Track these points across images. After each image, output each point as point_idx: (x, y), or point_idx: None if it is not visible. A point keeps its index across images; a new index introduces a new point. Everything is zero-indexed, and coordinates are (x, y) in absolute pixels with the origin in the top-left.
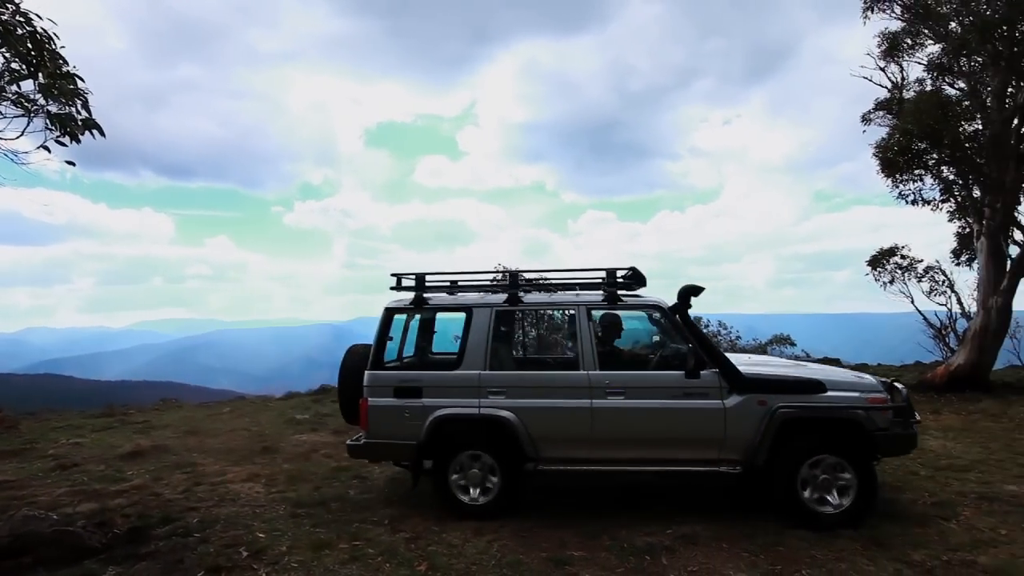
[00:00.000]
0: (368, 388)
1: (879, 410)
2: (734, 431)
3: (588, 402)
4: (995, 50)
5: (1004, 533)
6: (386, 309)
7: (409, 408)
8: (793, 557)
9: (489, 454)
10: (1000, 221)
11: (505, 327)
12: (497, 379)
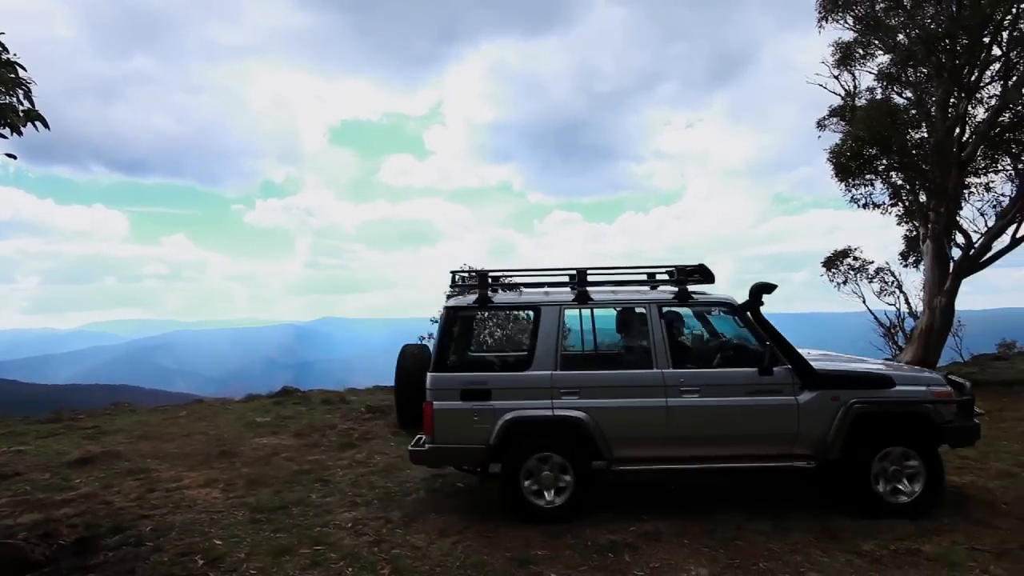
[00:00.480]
0: (432, 391)
1: (944, 403)
2: (807, 427)
3: (664, 401)
4: (939, 62)
5: (946, 522)
6: (449, 308)
7: (478, 411)
8: (751, 551)
9: (562, 456)
10: (944, 225)
11: (575, 325)
12: (570, 379)
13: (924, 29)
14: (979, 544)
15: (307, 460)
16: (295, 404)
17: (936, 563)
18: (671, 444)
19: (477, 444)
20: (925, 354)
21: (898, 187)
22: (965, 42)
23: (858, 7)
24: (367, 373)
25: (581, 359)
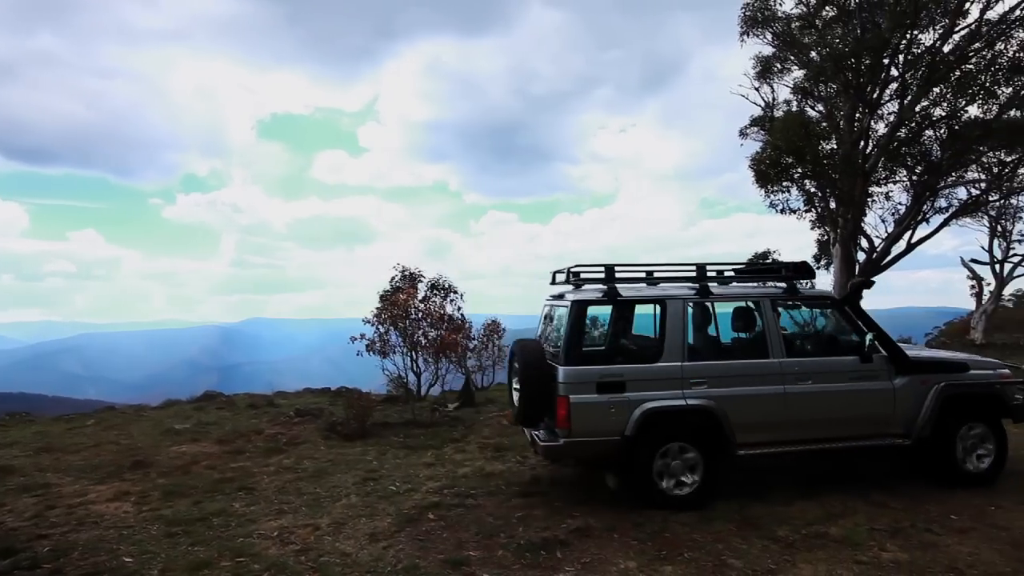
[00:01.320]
0: (568, 385)
1: (1009, 384)
2: (901, 408)
3: (781, 388)
4: (846, 79)
5: (851, 505)
6: (578, 303)
7: (614, 403)
8: (677, 542)
9: (693, 444)
10: (850, 230)
11: (698, 318)
12: (698, 370)
13: (833, 48)
14: (877, 524)
15: (230, 468)
16: (218, 409)
17: (841, 544)
18: (786, 428)
19: (613, 436)
20: None
21: (811, 194)
22: (868, 62)
23: (776, 24)
24: (297, 375)
25: (704, 350)
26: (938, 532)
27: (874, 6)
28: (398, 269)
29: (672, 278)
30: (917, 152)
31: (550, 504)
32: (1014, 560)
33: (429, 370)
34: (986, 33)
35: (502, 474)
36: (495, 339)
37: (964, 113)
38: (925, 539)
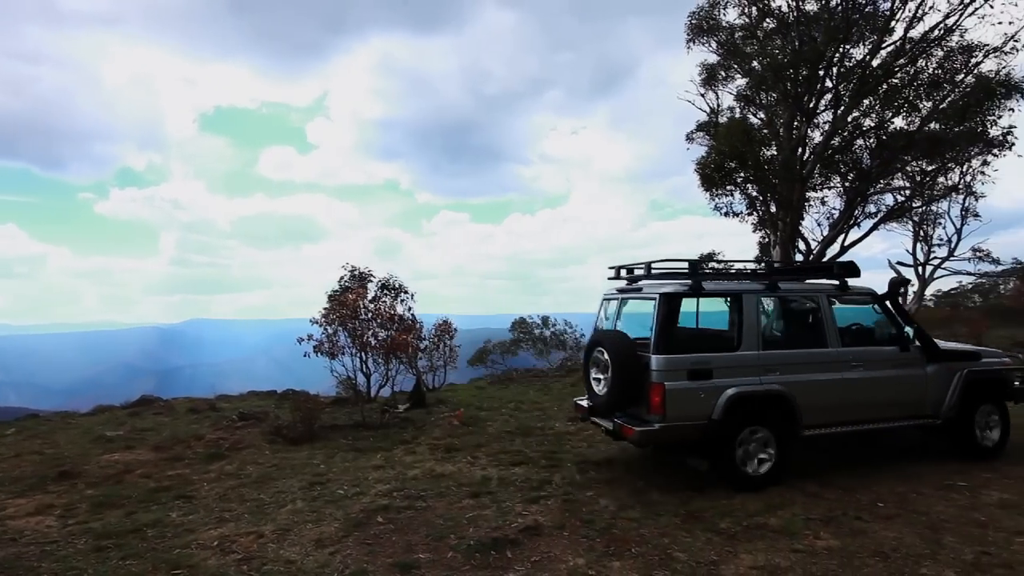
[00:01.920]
0: (662, 372)
1: (1010, 370)
2: (933, 392)
3: (839, 375)
4: (785, 89)
5: (788, 497)
6: (667, 295)
7: (704, 389)
8: (625, 537)
9: (769, 426)
10: (789, 233)
11: (768, 310)
12: (771, 358)
13: (773, 59)
14: (812, 514)
15: (167, 476)
16: (156, 415)
17: (779, 533)
18: (842, 411)
19: (701, 420)
20: None
21: (753, 198)
22: (805, 73)
23: (720, 34)
24: (242, 378)
25: (773, 340)
26: (867, 519)
27: (811, 20)
28: (347, 269)
29: (743, 274)
30: (849, 160)
31: (500, 504)
32: (931, 542)
33: (379, 371)
34: (909, 50)
35: (452, 475)
36: (446, 339)
37: (891, 124)
38: (855, 526)
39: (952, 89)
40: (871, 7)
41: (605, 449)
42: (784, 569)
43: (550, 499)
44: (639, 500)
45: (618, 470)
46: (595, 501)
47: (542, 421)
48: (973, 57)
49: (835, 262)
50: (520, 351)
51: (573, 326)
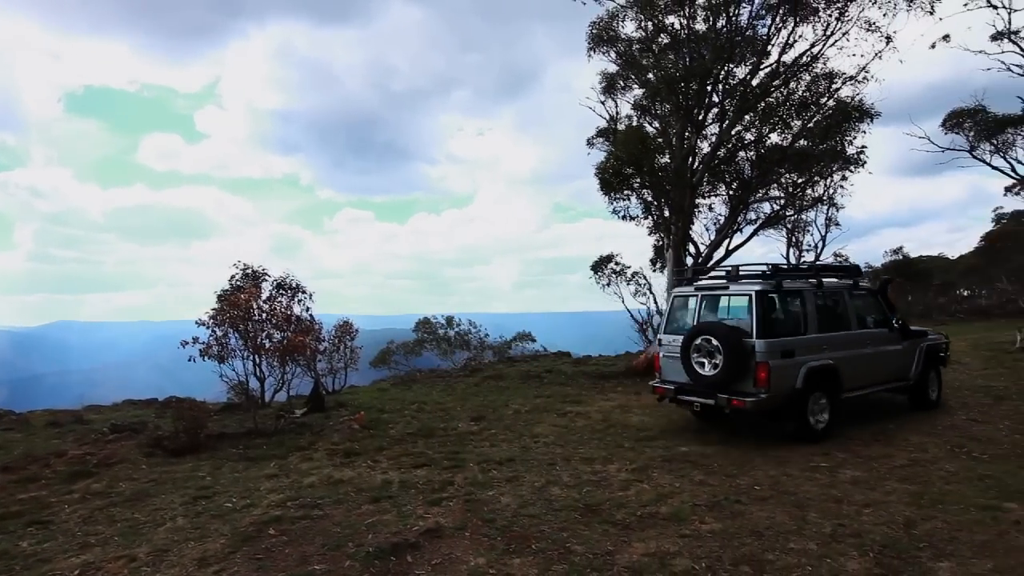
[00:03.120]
0: (765, 353)
1: (942, 344)
2: (906, 362)
3: (861, 350)
4: (677, 101)
5: (678, 486)
6: (760, 292)
7: (791, 365)
8: (525, 534)
9: (826, 392)
10: (680, 237)
11: (819, 302)
12: (824, 339)
13: (667, 72)
14: (698, 500)
15: (17, 500)
16: (6, 431)
17: (669, 521)
18: (863, 378)
19: (789, 389)
20: None
21: (649, 203)
22: (695, 87)
23: (619, 45)
24: (118, 386)
25: (823, 325)
26: (745, 502)
27: (700, 39)
28: (239, 267)
29: (800, 271)
30: (733, 170)
31: (401, 507)
32: (798, 519)
33: (274, 375)
34: (783, 73)
35: (351, 480)
36: (347, 340)
37: (768, 139)
38: (735, 509)
39: (817, 111)
40: (751, 31)
41: (507, 448)
42: (673, 554)
43: (452, 500)
44: (540, 497)
45: (520, 468)
46: (497, 500)
47: (445, 422)
48: (834, 83)
49: (852, 264)
50: (424, 351)
51: (478, 326)
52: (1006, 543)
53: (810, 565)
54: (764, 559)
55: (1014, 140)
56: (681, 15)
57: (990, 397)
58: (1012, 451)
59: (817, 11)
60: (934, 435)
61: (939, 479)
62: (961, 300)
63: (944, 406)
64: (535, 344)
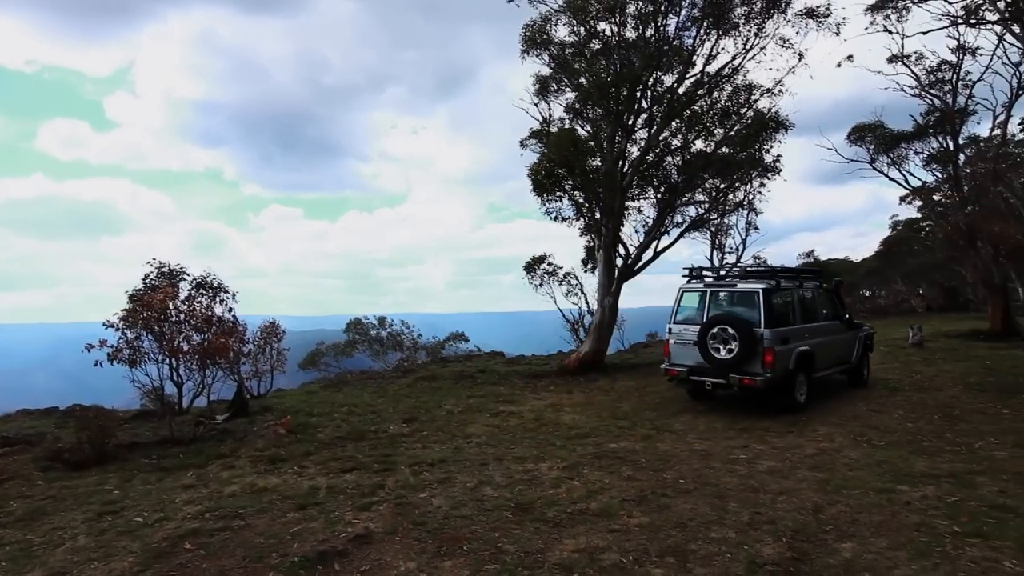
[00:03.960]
0: (772, 340)
1: (871, 334)
2: (851, 347)
3: (825, 338)
4: (608, 106)
5: (607, 482)
6: (764, 290)
7: (788, 350)
8: (457, 536)
9: (806, 372)
10: (611, 238)
11: (800, 299)
12: (805, 330)
13: (598, 77)
14: (627, 496)
15: None
16: None
17: (599, 516)
18: (828, 361)
19: (785, 370)
20: (599, 345)
21: (580, 205)
22: (625, 93)
23: (552, 48)
24: (14, 394)
25: (802, 317)
26: (671, 496)
27: (630, 46)
28: (155, 265)
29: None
30: (661, 174)
31: (329, 514)
32: (719, 509)
33: (193, 379)
34: (707, 83)
35: (276, 488)
36: (273, 342)
37: (693, 145)
38: (662, 503)
39: (738, 120)
40: (678, 41)
41: (440, 450)
42: (602, 548)
43: (382, 504)
44: (472, 497)
45: (452, 469)
46: (428, 502)
47: (376, 424)
48: (753, 95)
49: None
50: (356, 353)
51: (411, 326)
52: (898, 522)
53: (729, 552)
54: (688, 549)
55: (907, 154)
56: (612, 22)
57: (887, 389)
58: (904, 438)
59: (738, 26)
60: (840, 425)
61: (843, 466)
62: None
63: (846, 398)
64: (469, 344)
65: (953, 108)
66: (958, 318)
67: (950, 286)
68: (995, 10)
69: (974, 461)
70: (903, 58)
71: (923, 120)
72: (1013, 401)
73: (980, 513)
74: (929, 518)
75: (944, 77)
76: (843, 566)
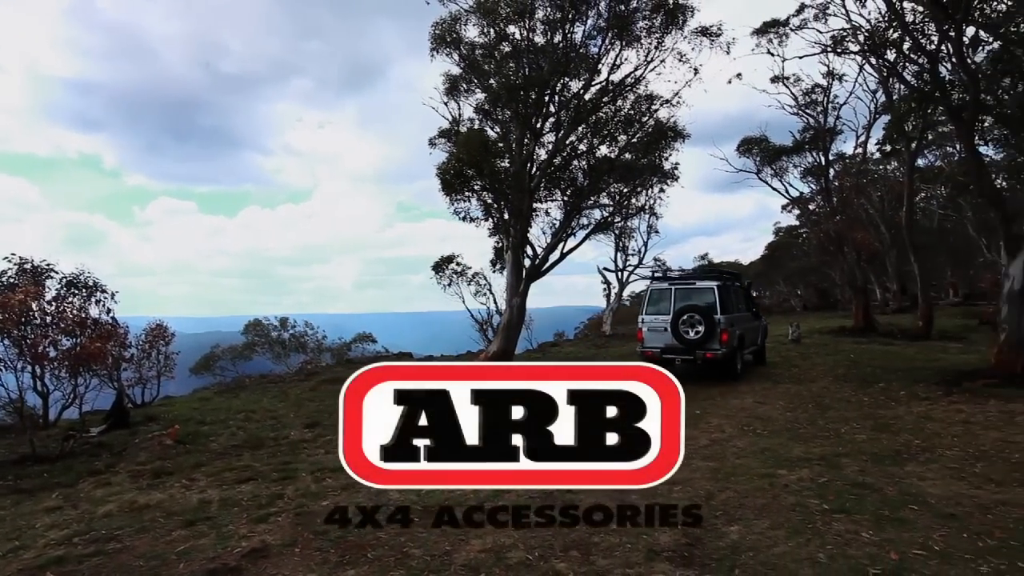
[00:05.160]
0: (726, 323)
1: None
2: (759, 333)
3: (746, 325)
4: (517, 108)
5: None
6: (719, 285)
7: (734, 331)
8: (361, 543)
9: (741, 349)
10: (519, 239)
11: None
12: (737, 317)
13: (508, 80)
14: (534, 494)
15: None
16: None
17: (508, 515)
18: (749, 343)
19: (733, 347)
20: (507, 344)
21: (489, 205)
22: (534, 97)
23: (462, 48)
24: None
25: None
26: (575, 492)
27: (539, 51)
28: (15, 261)
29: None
30: (567, 178)
31: (220, 529)
32: (620, 502)
33: (62, 388)
34: (611, 91)
35: (160, 504)
36: (160, 345)
37: (598, 151)
38: (567, 499)
39: (640, 128)
40: (584, 49)
41: None
42: (508, 547)
43: (281, 515)
44: (376, 503)
45: None
46: (331, 510)
47: (276, 430)
48: (653, 105)
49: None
50: (255, 356)
51: (315, 327)
52: (778, 504)
53: (630, 543)
54: (591, 542)
55: (787, 167)
56: (522, 26)
57: (770, 382)
58: (784, 427)
59: (640, 38)
60: (730, 417)
61: (732, 455)
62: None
63: (736, 392)
64: (376, 345)
65: (824, 127)
66: (829, 316)
67: (823, 287)
68: (856, 42)
69: (840, 444)
70: (784, 79)
71: (800, 136)
72: (871, 390)
73: (844, 491)
74: (803, 498)
75: (817, 99)
76: (730, 547)
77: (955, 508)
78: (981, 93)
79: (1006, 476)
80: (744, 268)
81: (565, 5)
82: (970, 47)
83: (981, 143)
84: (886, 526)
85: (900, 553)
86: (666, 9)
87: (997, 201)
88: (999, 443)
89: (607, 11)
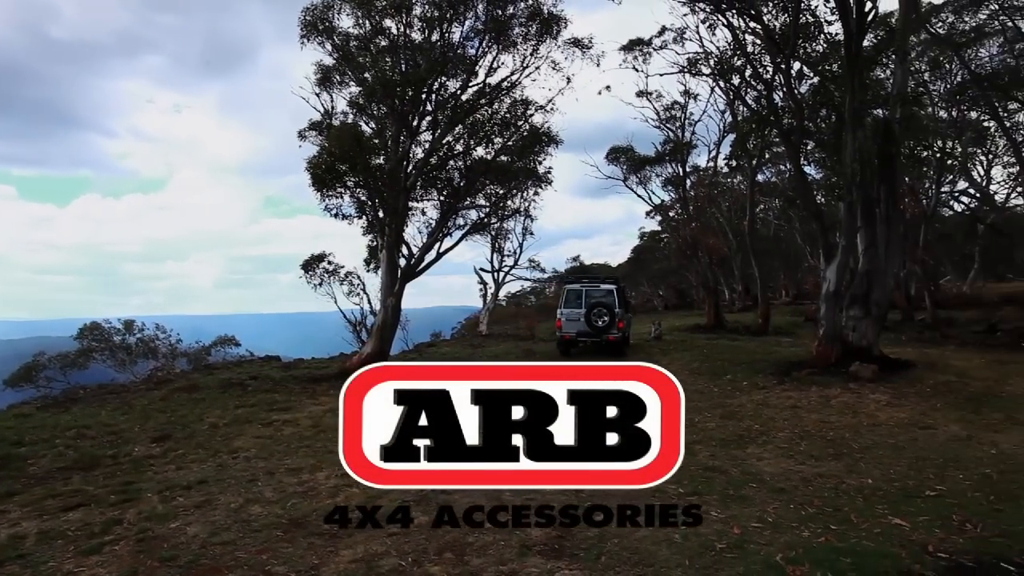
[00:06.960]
0: (622, 315)
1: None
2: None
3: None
4: (393, 105)
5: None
6: (617, 287)
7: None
8: (215, 566)
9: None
10: (394, 238)
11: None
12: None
13: (384, 75)
14: (407, 497)
15: None
16: None
17: (382, 519)
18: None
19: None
20: (382, 345)
21: (363, 203)
22: (411, 94)
23: (336, 37)
24: None
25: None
26: (450, 492)
27: (416, 48)
28: None
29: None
30: (444, 177)
31: (38, 567)
32: (493, 500)
33: None
34: (489, 93)
35: None
36: None
37: (475, 152)
38: (441, 500)
39: (516, 131)
40: (462, 50)
41: (199, 469)
42: (381, 555)
43: (119, 543)
44: (236, 519)
45: (213, 490)
46: (182, 532)
47: (116, 447)
48: (529, 109)
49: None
50: (92, 364)
51: (168, 330)
52: (639, 492)
53: (503, 540)
54: (465, 542)
55: (651, 176)
56: (399, 21)
57: None
58: None
59: (516, 44)
60: None
61: None
62: None
63: None
64: (240, 348)
65: (682, 141)
66: (686, 315)
67: (681, 288)
68: (708, 66)
69: (694, 432)
70: (647, 94)
71: (662, 148)
72: (720, 381)
73: (696, 475)
74: (662, 485)
75: (676, 114)
76: (597, 537)
77: (784, 483)
78: (805, 120)
79: (823, 452)
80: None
81: (443, 4)
82: (796, 79)
83: (806, 163)
84: (731, 504)
85: (742, 527)
86: (541, 18)
87: (817, 214)
88: (818, 423)
89: (485, 14)
